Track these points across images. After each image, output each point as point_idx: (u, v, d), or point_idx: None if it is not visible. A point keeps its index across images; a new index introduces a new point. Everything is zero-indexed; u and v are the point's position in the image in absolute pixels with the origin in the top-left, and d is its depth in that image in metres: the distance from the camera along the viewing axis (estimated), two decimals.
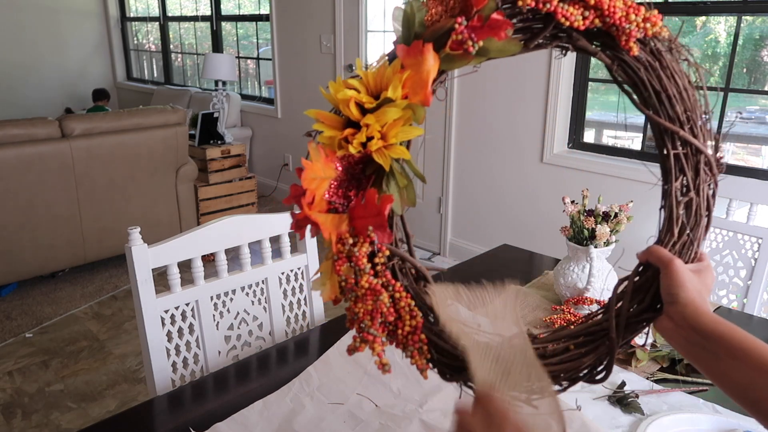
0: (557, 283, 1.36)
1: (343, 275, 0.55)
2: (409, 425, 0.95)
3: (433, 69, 0.54)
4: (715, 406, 1.00)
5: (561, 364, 0.59)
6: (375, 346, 0.54)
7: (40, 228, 3.05)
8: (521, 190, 3.21)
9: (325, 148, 0.57)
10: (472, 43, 0.52)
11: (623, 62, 0.58)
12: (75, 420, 2.15)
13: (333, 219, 0.56)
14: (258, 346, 1.40)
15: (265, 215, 1.40)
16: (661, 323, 0.58)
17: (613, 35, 0.56)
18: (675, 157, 0.59)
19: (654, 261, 0.59)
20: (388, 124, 0.55)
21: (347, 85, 0.56)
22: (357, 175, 0.58)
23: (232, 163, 4.07)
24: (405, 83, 0.54)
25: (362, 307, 0.54)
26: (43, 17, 6.19)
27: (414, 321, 0.56)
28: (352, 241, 0.55)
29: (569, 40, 0.58)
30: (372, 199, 0.54)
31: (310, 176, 0.55)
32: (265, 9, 4.76)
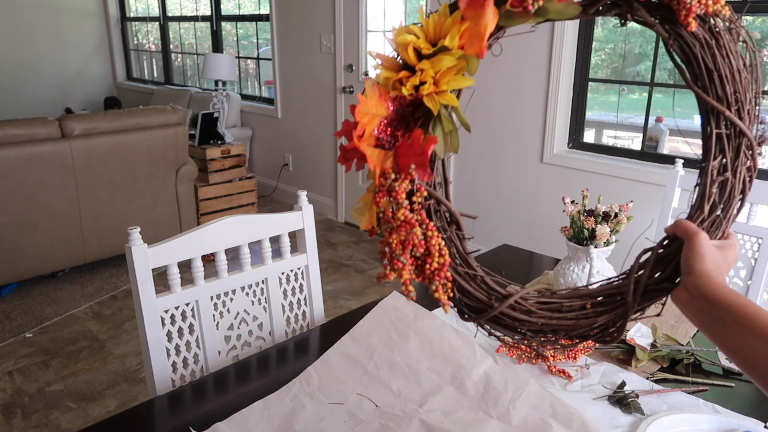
0: (557, 283, 1.36)
1: (382, 207, 0.59)
2: (409, 425, 0.95)
3: (491, 23, 0.56)
4: (715, 406, 1.00)
5: (576, 320, 0.61)
6: (403, 273, 0.58)
7: (40, 228, 3.05)
8: (521, 190, 3.21)
9: (380, 87, 0.60)
10: (533, 1, 0.54)
11: (680, 37, 0.58)
12: (75, 420, 2.15)
13: (379, 154, 0.59)
14: (258, 346, 1.40)
15: (265, 215, 1.40)
16: (676, 293, 0.60)
17: (674, 9, 0.56)
18: (717, 136, 0.59)
19: (680, 233, 0.60)
20: (441, 71, 0.57)
21: (408, 30, 0.59)
22: (406, 117, 0.61)
23: (232, 163, 4.07)
24: (462, 34, 0.57)
25: (396, 237, 0.58)
26: (43, 17, 6.19)
27: (442, 259, 0.59)
28: (394, 176, 0.58)
29: (629, 9, 0.58)
30: (417, 139, 0.57)
31: (363, 110, 0.58)
32: (265, 9, 4.76)
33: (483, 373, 1.06)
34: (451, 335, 1.15)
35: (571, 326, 0.61)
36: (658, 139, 2.81)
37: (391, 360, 1.11)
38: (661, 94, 2.88)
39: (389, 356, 1.12)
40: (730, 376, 1.10)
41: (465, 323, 1.29)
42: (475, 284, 0.63)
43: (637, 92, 3.42)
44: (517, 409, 0.98)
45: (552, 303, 0.62)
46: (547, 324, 0.62)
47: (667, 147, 2.90)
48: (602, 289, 0.63)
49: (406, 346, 1.14)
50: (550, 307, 0.62)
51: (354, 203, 4.20)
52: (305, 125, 4.50)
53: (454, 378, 1.06)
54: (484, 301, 0.62)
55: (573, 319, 0.61)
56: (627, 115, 3.47)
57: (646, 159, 2.79)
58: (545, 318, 0.62)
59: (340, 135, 0.60)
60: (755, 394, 1.06)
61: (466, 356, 1.10)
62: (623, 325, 0.60)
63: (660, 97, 2.90)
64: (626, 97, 3.48)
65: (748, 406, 1.01)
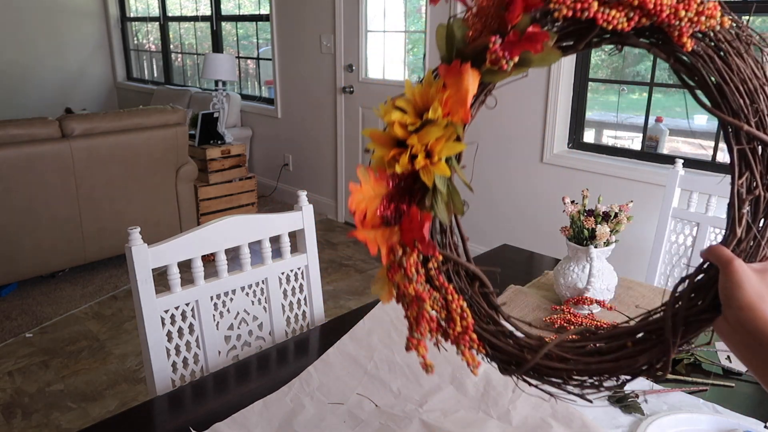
0: (557, 283, 1.36)
1: (396, 282, 0.59)
2: (409, 425, 0.95)
3: (472, 87, 0.56)
4: (715, 406, 1.00)
5: (616, 361, 0.58)
6: (419, 348, 0.58)
7: (40, 228, 3.05)
8: (521, 190, 3.21)
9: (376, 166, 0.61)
10: (506, 61, 0.54)
11: (678, 57, 0.56)
12: (75, 420, 2.15)
13: (383, 233, 0.60)
14: (258, 346, 1.40)
15: (265, 215, 1.40)
16: (719, 325, 0.56)
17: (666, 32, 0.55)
18: (740, 153, 0.56)
19: (713, 260, 0.56)
20: (431, 143, 0.57)
21: (395, 105, 0.59)
22: (408, 187, 0.61)
23: (232, 163, 4.07)
24: (446, 102, 0.57)
25: (410, 313, 0.58)
26: (43, 17, 6.19)
27: (465, 322, 0.58)
28: (402, 251, 0.59)
29: (619, 39, 0.56)
30: (415, 217, 0.58)
31: (357, 198, 0.60)
32: (265, 9, 4.76)
33: (483, 373, 1.06)
34: None
35: (612, 368, 0.58)
36: (658, 139, 2.81)
37: (391, 360, 1.11)
38: (661, 94, 2.88)
39: (389, 356, 1.12)
40: (730, 376, 1.10)
41: None
42: (504, 340, 0.61)
43: (637, 92, 3.42)
44: (517, 409, 0.98)
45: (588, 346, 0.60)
46: (586, 370, 0.59)
47: (667, 147, 2.90)
48: (640, 325, 0.59)
49: None
50: (587, 350, 0.60)
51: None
52: (305, 125, 4.50)
53: (454, 378, 1.06)
54: (517, 355, 0.60)
55: (613, 360, 0.58)
56: (627, 115, 3.47)
57: (646, 159, 2.79)
58: (582, 363, 0.59)
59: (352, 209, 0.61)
60: (755, 394, 1.06)
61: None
62: (667, 362, 0.56)
63: (660, 97, 2.90)
64: (626, 97, 3.48)
65: (748, 406, 1.01)
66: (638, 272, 2.44)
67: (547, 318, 1.28)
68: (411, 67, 3.82)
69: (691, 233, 1.74)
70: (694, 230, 1.73)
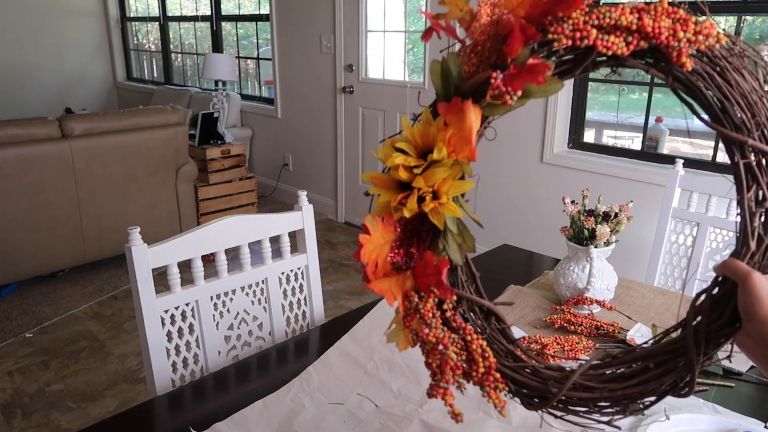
0: (557, 283, 1.36)
1: (413, 329, 0.57)
2: (409, 425, 0.95)
3: (475, 123, 0.54)
4: (715, 406, 1.00)
5: (641, 384, 0.58)
6: (446, 398, 0.56)
7: (40, 228, 3.05)
8: (521, 190, 3.21)
9: (381, 211, 0.59)
10: (510, 96, 0.53)
11: (677, 77, 0.56)
12: (75, 420, 2.15)
13: (397, 280, 0.58)
14: (258, 346, 1.40)
15: (265, 215, 1.40)
16: (740, 338, 0.56)
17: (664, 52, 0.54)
18: (746, 166, 0.55)
19: (730, 275, 0.56)
20: (437, 184, 0.56)
21: (395, 146, 0.57)
22: (416, 230, 0.60)
23: (232, 163, 4.07)
24: (449, 141, 0.55)
25: (433, 361, 0.56)
26: (43, 17, 6.19)
27: (487, 362, 0.57)
28: (418, 297, 0.57)
29: (616, 61, 0.56)
30: (430, 262, 0.56)
31: (368, 249, 0.57)
32: (265, 9, 4.76)
33: None
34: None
35: (639, 392, 0.58)
36: (658, 139, 2.81)
37: (391, 360, 1.11)
38: (661, 94, 2.88)
39: (389, 356, 1.12)
40: (730, 376, 1.10)
41: None
42: (527, 375, 0.60)
43: (637, 92, 3.42)
44: (517, 409, 0.98)
45: (612, 373, 0.59)
46: (611, 396, 0.58)
47: (667, 147, 2.90)
48: (661, 347, 0.59)
49: None
50: (611, 377, 0.59)
51: (353, 203, 4.20)
52: (305, 125, 4.50)
53: None
54: (540, 389, 0.59)
55: (638, 384, 0.58)
56: (627, 115, 3.47)
57: (646, 159, 2.79)
58: (608, 390, 0.58)
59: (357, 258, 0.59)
60: (755, 394, 1.06)
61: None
62: (692, 380, 0.56)
63: (660, 97, 2.90)
64: (626, 97, 3.48)
65: (748, 406, 1.01)
66: (638, 272, 2.44)
67: (547, 318, 1.28)
68: (411, 67, 3.82)
69: (691, 233, 1.74)
70: (694, 230, 1.73)
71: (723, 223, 1.67)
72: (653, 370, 0.57)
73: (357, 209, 4.25)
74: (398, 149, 0.57)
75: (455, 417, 0.55)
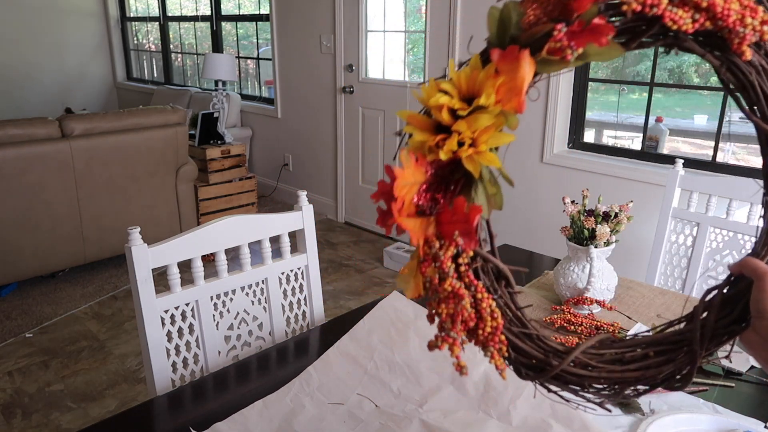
0: (557, 283, 1.36)
1: (428, 276, 0.56)
2: (409, 425, 0.95)
3: (529, 75, 0.53)
4: (715, 406, 1.00)
5: (640, 370, 0.57)
6: (454, 348, 0.55)
7: (40, 228, 3.05)
8: (521, 190, 3.21)
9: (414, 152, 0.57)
10: (571, 51, 0.51)
11: (733, 65, 0.55)
12: (75, 420, 2.15)
13: (421, 223, 0.56)
14: (258, 346, 1.40)
15: (265, 215, 1.40)
16: (747, 336, 0.56)
17: (725, 37, 0.53)
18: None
19: (748, 273, 0.56)
20: (479, 131, 0.54)
21: (439, 87, 0.55)
22: (446, 178, 0.58)
23: (232, 163, 4.07)
24: (498, 89, 0.54)
25: (444, 309, 0.55)
26: (43, 17, 6.19)
27: (495, 322, 0.56)
28: (439, 244, 0.55)
29: (675, 40, 0.55)
30: (461, 207, 0.54)
31: (402, 183, 0.55)
32: (265, 9, 4.76)
33: (483, 373, 1.06)
34: None
35: (636, 378, 0.58)
36: (658, 139, 2.81)
37: (391, 360, 1.11)
38: (661, 94, 2.88)
39: (389, 356, 1.12)
40: (730, 376, 1.10)
41: None
42: (530, 343, 0.59)
43: (637, 92, 3.43)
44: (517, 409, 0.98)
45: (613, 354, 0.59)
46: (609, 378, 0.58)
47: (667, 147, 2.90)
48: (665, 335, 0.59)
49: (406, 346, 1.14)
50: (612, 359, 0.59)
51: (353, 203, 4.21)
52: (305, 125, 4.50)
53: (454, 378, 1.06)
54: (541, 359, 0.59)
55: (637, 370, 0.58)
56: (627, 115, 3.47)
57: (646, 159, 2.79)
58: (606, 371, 0.58)
59: (377, 198, 0.57)
60: (755, 394, 1.06)
61: (466, 356, 1.10)
62: (691, 372, 0.57)
63: (660, 97, 2.91)
64: (626, 97, 3.48)
65: (748, 406, 1.01)
66: (638, 272, 2.44)
67: (547, 318, 1.28)
68: (411, 67, 3.82)
69: (691, 233, 1.74)
70: (694, 230, 1.73)
71: (723, 223, 1.67)
72: (653, 358, 0.57)
73: (357, 209, 4.25)
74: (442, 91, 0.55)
75: (460, 369, 0.55)
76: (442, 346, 0.55)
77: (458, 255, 0.56)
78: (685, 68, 3.26)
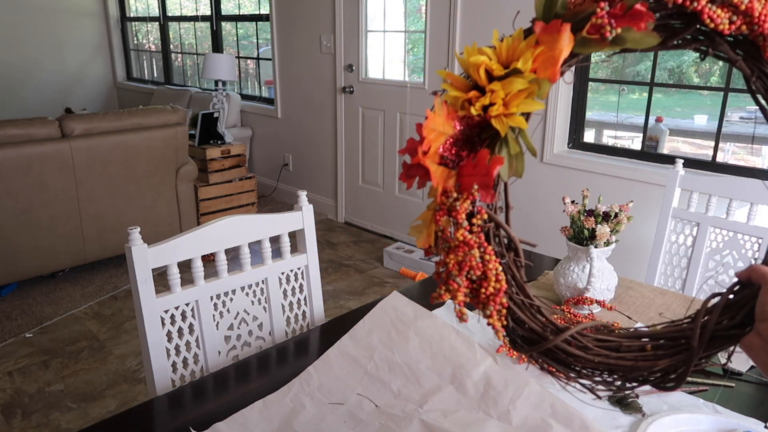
0: (557, 283, 1.36)
1: (441, 226, 0.58)
2: (409, 425, 0.95)
3: (567, 48, 0.55)
4: (715, 406, 1.00)
5: (635, 361, 0.58)
6: (458, 294, 0.57)
7: (40, 228, 3.05)
8: (521, 190, 3.21)
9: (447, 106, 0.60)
10: (611, 29, 0.53)
11: (764, 74, 0.56)
12: (75, 420, 2.15)
13: (443, 172, 0.59)
14: (258, 346, 1.40)
15: (265, 215, 1.40)
16: (749, 339, 0.57)
17: (758, 45, 0.54)
18: None
19: (756, 278, 0.57)
20: (512, 94, 0.57)
21: (481, 51, 0.58)
22: (472, 138, 0.60)
23: (232, 163, 4.07)
24: (536, 58, 0.56)
25: (453, 258, 0.57)
26: (43, 17, 6.19)
27: (498, 284, 0.57)
28: (456, 196, 0.58)
29: (710, 43, 0.56)
30: (483, 159, 0.57)
31: (431, 126, 0.58)
32: (265, 9, 4.76)
33: (483, 373, 1.06)
34: (451, 335, 1.15)
35: (630, 367, 0.58)
36: (658, 139, 2.81)
37: (391, 360, 1.11)
38: (661, 94, 2.88)
39: (389, 356, 1.12)
40: (730, 376, 1.10)
41: (465, 324, 1.29)
42: (530, 314, 0.61)
43: (637, 92, 3.43)
44: (517, 409, 0.98)
45: (610, 341, 0.60)
46: (603, 363, 0.59)
47: (667, 147, 2.90)
48: (665, 331, 0.59)
49: (406, 346, 1.14)
50: (608, 345, 0.59)
51: (353, 203, 4.21)
52: (305, 125, 4.50)
53: (454, 378, 1.06)
54: (538, 332, 0.60)
55: (632, 360, 0.58)
56: (627, 115, 3.47)
57: (646, 159, 2.79)
58: (602, 356, 0.59)
59: (404, 152, 0.60)
60: (755, 394, 1.06)
61: (466, 356, 1.10)
62: (686, 372, 0.57)
63: (660, 97, 2.91)
64: (626, 97, 3.48)
65: (748, 406, 1.01)
66: (638, 272, 2.44)
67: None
68: (411, 67, 3.82)
69: (691, 233, 1.74)
70: (694, 230, 1.73)
71: (722, 223, 1.67)
72: (650, 351, 0.58)
73: (357, 209, 4.25)
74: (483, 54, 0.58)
75: (461, 316, 0.57)
76: (445, 296, 0.57)
77: (472, 215, 0.58)
78: (685, 68, 3.26)
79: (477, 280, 0.58)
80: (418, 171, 0.59)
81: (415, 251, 3.51)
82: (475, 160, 0.57)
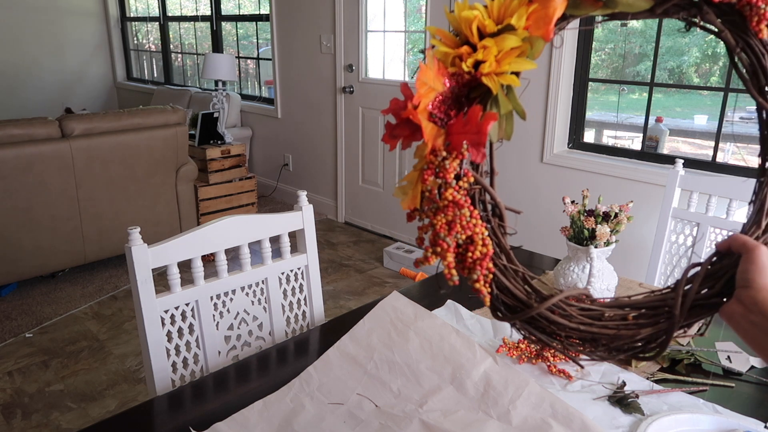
0: (557, 283, 1.36)
1: (429, 186, 0.56)
2: (409, 425, 0.95)
3: (561, 7, 0.55)
4: (715, 406, 1.00)
5: (617, 329, 0.58)
6: (447, 255, 0.55)
7: (40, 228, 3.05)
8: (521, 190, 3.21)
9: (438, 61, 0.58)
10: None
11: (748, 46, 0.56)
12: (75, 420, 2.15)
13: (433, 128, 0.57)
14: (258, 346, 1.40)
15: (265, 215, 1.40)
16: (729, 307, 0.58)
17: (744, 15, 0.55)
18: None
19: (737, 247, 0.58)
20: (504, 51, 0.55)
21: (473, 7, 0.57)
22: (460, 98, 0.58)
23: (232, 163, 4.07)
24: (529, 16, 0.55)
25: (441, 218, 0.55)
26: (43, 17, 6.19)
27: (485, 248, 0.56)
28: (445, 154, 0.56)
29: (699, 11, 0.56)
30: (475, 115, 0.55)
31: (423, 78, 0.56)
32: (265, 9, 4.76)
33: (483, 373, 1.06)
34: (451, 335, 1.15)
35: (612, 336, 0.58)
36: (658, 139, 2.81)
37: (391, 360, 1.11)
38: (661, 94, 2.88)
39: (389, 356, 1.12)
40: (730, 376, 1.10)
41: (465, 324, 1.29)
42: (515, 281, 0.60)
43: (637, 92, 3.43)
44: (517, 409, 0.98)
45: (593, 310, 0.60)
46: (587, 331, 0.59)
47: (667, 147, 2.90)
48: (647, 300, 0.60)
49: (406, 346, 1.14)
50: (591, 314, 0.59)
51: (353, 203, 4.21)
52: (305, 125, 4.50)
53: (454, 378, 1.06)
54: (522, 300, 0.59)
55: (614, 328, 0.58)
56: (627, 115, 3.47)
57: (646, 159, 2.79)
58: (585, 324, 0.59)
59: (387, 112, 0.58)
60: (755, 394, 1.06)
61: (466, 356, 1.10)
62: (667, 340, 0.57)
63: (660, 97, 2.91)
64: (626, 97, 3.48)
65: (748, 406, 1.01)
66: (638, 272, 2.44)
67: None
68: (411, 67, 3.82)
69: (691, 233, 1.74)
70: (694, 230, 1.73)
71: (722, 223, 1.67)
72: (633, 320, 0.58)
73: (357, 209, 4.25)
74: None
75: (451, 278, 0.55)
76: (432, 258, 0.55)
77: (459, 178, 0.56)
78: (685, 68, 3.26)
79: (463, 244, 0.57)
80: (403, 130, 0.57)
81: (415, 251, 3.51)
82: (466, 117, 0.55)
